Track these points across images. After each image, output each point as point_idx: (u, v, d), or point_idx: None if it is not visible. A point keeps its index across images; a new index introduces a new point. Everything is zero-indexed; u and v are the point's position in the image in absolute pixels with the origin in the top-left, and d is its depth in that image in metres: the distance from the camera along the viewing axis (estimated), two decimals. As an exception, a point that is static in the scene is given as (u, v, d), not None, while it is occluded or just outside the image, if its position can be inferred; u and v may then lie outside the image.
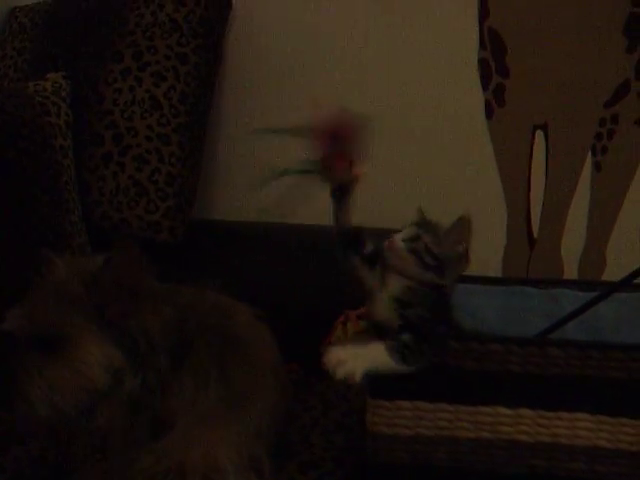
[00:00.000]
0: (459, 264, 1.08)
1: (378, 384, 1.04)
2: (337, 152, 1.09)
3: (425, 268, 1.04)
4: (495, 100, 1.77)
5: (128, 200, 1.61)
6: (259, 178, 1.10)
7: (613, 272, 1.75)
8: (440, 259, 1.05)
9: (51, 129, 1.53)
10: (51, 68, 1.67)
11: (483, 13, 1.75)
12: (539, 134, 1.78)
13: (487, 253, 1.82)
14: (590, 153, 1.78)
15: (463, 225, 1.10)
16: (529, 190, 1.80)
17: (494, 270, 1.81)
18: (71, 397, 1.02)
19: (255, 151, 1.86)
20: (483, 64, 1.76)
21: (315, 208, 1.83)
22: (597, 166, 1.78)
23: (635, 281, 1.16)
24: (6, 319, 1.03)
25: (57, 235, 1.47)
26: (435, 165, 1.81)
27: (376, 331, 1.06)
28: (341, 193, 1.11)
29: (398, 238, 1.06)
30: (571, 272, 1.83)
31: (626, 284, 1.09)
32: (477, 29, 1.75)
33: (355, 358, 0.99)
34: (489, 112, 1.78)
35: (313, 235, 1.72)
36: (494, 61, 1.75)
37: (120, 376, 1.05)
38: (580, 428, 1.01)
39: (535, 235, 1.82)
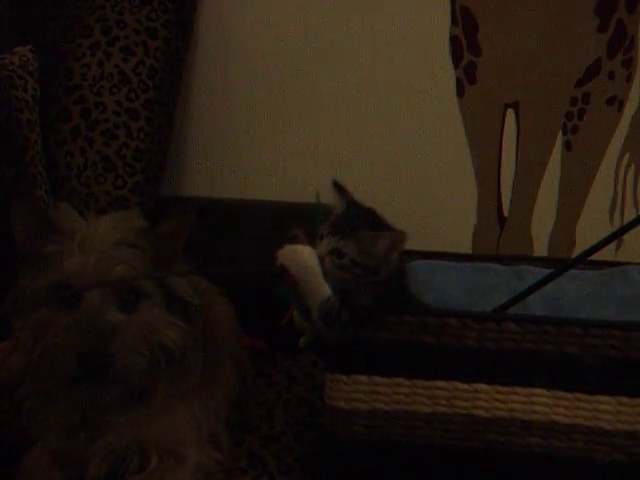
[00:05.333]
0: (392, 258, 1.05)
1: (336, 358, 1.04)
2: None
3: (357, 277, 1.02)
4: (466, 78, 1.76)
5: (96, 175, 1.60)
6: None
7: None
8: (370, 267, 1.02)
9: (18, 103, 1.51)
10: (19, 42, 1.64)
11: (455, -10, 1.74)
12: (510, 112, 1.78)
13: (457, 231, 1.83)
14: (561, 132, 1.78)
15: (397, 241, 1.04)
16: (499, 169, 1.80)
17: (464, 249, 1.81)
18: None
19: (226, 127, 1.85)
20: (454, 41, 1.75)
21: (286, 185, 1.84)
22: (568, 145, 1.79)
23: (597, 258, 1.17)
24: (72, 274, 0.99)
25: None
26: (405, 142, 1.80)
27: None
28: None
29: (323, 252, 1.03)
30: (541, 251, 1.83)
31: (582, 260, 1.09)
32: (449, 6, 1.74)
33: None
34: (460, 90, 1.77)
35: (283, 212, 1.72)
36: (466, 39, 1.75)
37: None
38: (536, 403, 1.02)
39: (505, 214, 1.83)
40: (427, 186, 1.81)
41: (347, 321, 0.99)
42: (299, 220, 1.70)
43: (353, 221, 1.05)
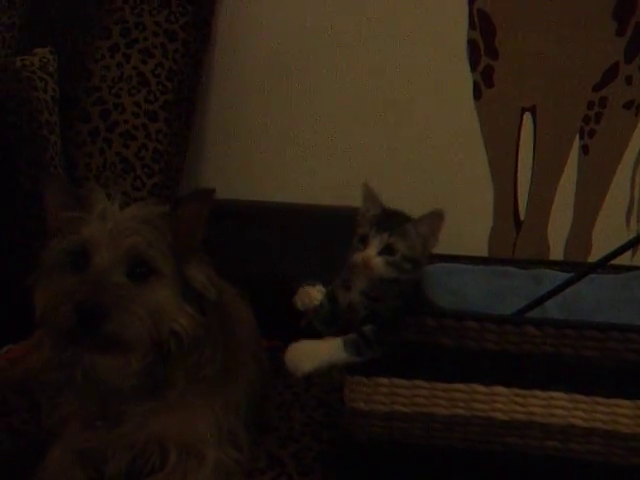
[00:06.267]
0: (428, 253, 1.05)
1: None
2: None
3: (403, 274, 1.01)
4: (484, 81, 1.77)
5: (114, 176, 1.61)
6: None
7: (599, 255, 1.74)
8: (417, 260, 1.02)
9: (38, 104, 1.52)
10: (39, 43, 1.66)
11: (473, -6, 1.74)
12: (527, 116, 1.78)
13: (473, 234, 1.83)
14: (578, 136, 1.78)
15: (437, 219, 1.03)
16: (516, 172, 1.81)
17: (480, 252, 1.82)
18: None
19: (243, 128, 1.86)
20: (472, 45, 1.76)
21: (304, 187, 1.85)
22: (584, 149, 1.79)
23: (616, 263, 1.17)
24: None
25: (42, 210, 1.47)
26: (421, 145, 1.81)
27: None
28: None
29: (372, 254, 1.00)
30: (557, 254, 1.83)
31: (602, 265, 1.09)
32: (467, 10, 1.74)
33: (306, 354, 1.01)
34: (477, 93, 1.78)
35: (301, 213, 1.73)
36: (483, 42, 1.75)
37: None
38: (555, 406, 1.02)
39: (522, 217, 1.83)
40: (443, 188, 1.81)
41: (375, 340, 0.99)
42: (317, 222, 1.71)
43: (395, 217, 1.04)
